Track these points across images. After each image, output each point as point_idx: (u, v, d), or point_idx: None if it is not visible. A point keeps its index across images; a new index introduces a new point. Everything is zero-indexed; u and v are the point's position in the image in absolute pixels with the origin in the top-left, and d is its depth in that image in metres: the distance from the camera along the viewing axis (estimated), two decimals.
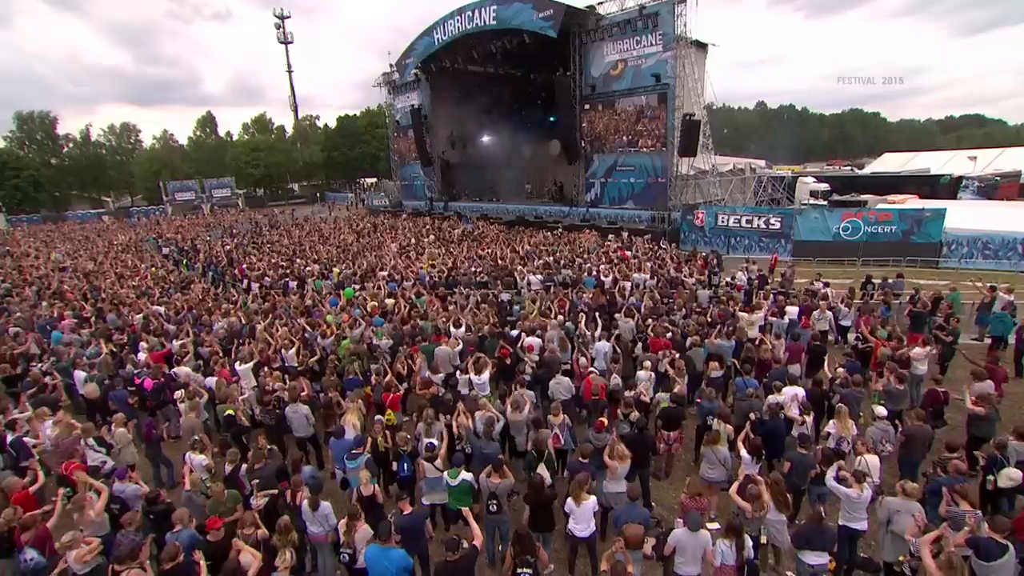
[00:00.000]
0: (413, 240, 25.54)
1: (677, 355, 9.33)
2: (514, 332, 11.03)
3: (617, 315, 11.63)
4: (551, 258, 18.71)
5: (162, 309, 14.53)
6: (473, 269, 17.71)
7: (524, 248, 21.06)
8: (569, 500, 5.96)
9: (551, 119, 34.87)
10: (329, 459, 8.34)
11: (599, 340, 10.18)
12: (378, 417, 7.91)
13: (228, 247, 26.37)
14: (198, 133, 74.63)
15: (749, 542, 5.28)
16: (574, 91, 29.59)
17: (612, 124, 28.56)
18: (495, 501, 6.18)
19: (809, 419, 7.52)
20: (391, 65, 42.88)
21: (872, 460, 6.47)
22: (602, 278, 15.09)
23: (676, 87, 24.58)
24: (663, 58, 24.99)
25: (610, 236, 23.69)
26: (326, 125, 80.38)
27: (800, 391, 8.16)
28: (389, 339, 11.16)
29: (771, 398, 8.01)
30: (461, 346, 10.37)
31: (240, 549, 5.37)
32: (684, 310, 12.04)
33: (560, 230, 27.18)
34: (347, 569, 5.76)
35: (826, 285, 13.32)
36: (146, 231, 37.22)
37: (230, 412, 8.15)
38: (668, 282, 14.69)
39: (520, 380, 8.73)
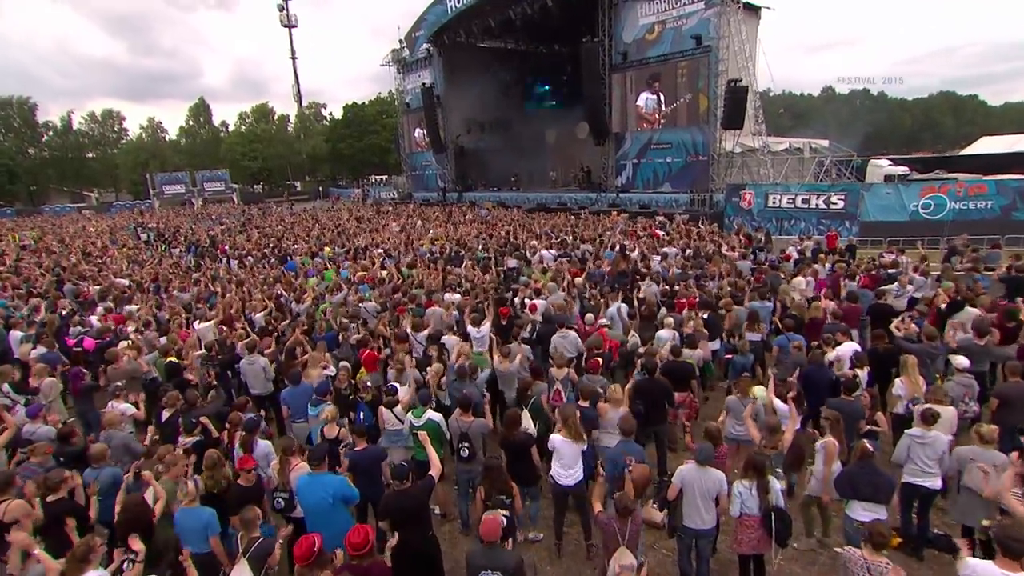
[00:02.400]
0: (419, 222, 25.58)
1: (703, 314, 9.04)
2: (516, 298, 10.90)
3: (641, 282, 11.48)
4: (569, 236, 18.48)
5: (126, 281, 14.79)
6: (480, 246, 17.63)
7: (541, 229, 20.93)
8: (555, 435, 5.51)
9: (578, 92, 34.61)
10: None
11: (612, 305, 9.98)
12: (343, 363, 7.63)
13: (213, 232, 26.86)
14: (190, 122, 76.84)
15: (776, 485, 4.72)
16: (603, 60, 29.43)
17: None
18: (467, 444, 5.77)
19: (863, 373, 6.91)
20: (400, 40, 43.55)
21: (947, 411, 5.82)
22: (627, 252, 14.76)
23: (720, 49, 24.19)
24: (706, 17, 24.69)
25: (639, 217, 23.23)
26: (332, 114, 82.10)
27: (856, 347, 7.58)
28: (375, 304, 11.15)
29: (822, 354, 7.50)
30: (456, 312, 10.25)
31: (149, 483, 5.08)
32: (718, 278, 11.76)
33: (585, 214, 26.83)
34: (285, 520, 5.40)
35: (901, 252, 12.70)
36: (126, 221, 38.14)
37: (172, 360, 7.98)
38: (704, 255, 14.35)
39: (516, 333, 8.44)
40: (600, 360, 7.27)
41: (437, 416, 6.10)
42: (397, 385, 6.71)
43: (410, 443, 6.37)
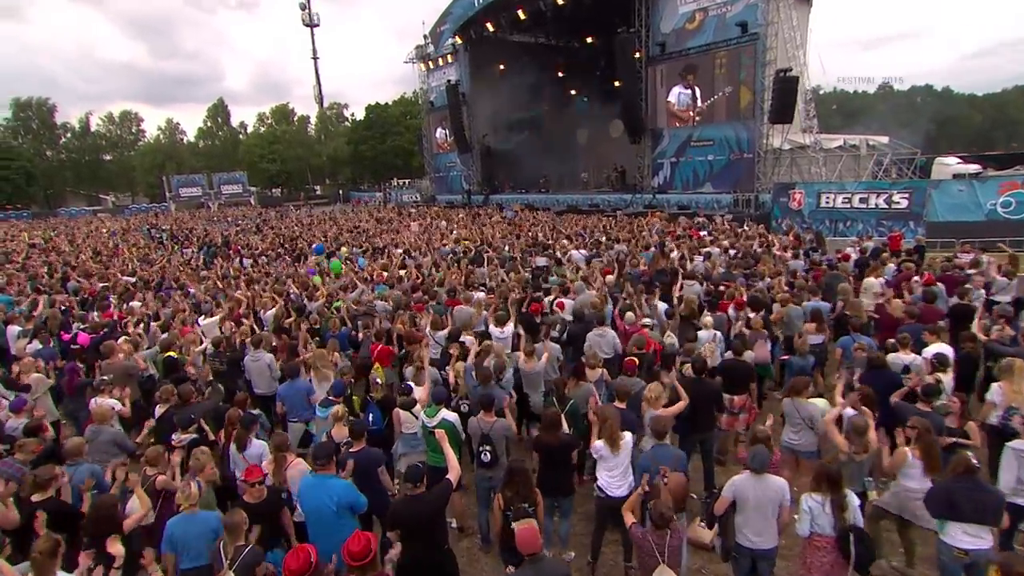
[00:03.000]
0: (442, 223, 25.48)
1: (755, 314, 8.56)
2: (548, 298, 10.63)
3: (684, 281, 11.06)
4: (603, 237, 18.13)
5: (132, 279, 14.90)
6: (507, 247, 17.37)
7: (572, 230, 20.64)
8: (599, 443, 5.07)
9: (612, 87, 34.27)
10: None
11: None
12: (344, 363, 7.35)
13: (228, 233, 27.23)
14: (208, 123, 78.61)
15: (854, 501, 4.20)
16: (638, 52, 29.12)
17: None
18: (488, 448, 5.36)
19: (946, 377, 6.29)
20: (425, 36, 43.82)
21: None
22: (666, 250, 14.36)
23: (768, 37, 23.62)
24: (753, 2, 24.17)
25: (681, 218, 22.73)
26: (353, 115, 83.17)
27: (946, 349, 6.96)
28: (390, 303, 10.94)
29: (893, 356, 6.92)
30: (484, 311, 9.96)
31: (132, 488, 4.79)
32: (769, 279, 11.25)
33: (620, 216, 26.39)
34: None
35: (982, 251, 12.00)
36: (140, 222, 38.90)
37: (172, 355, 7.77)
38: (751, 255, 13.85)
39: (545, 332, 8.08)
40: (636, 360, 6.82)
41: (452, 416, 5.74)
42: (412, 384, 6.35)
43: (424, 447, 6.05)
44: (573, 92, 43.72)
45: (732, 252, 14.44)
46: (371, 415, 6.32)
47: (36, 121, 67.43)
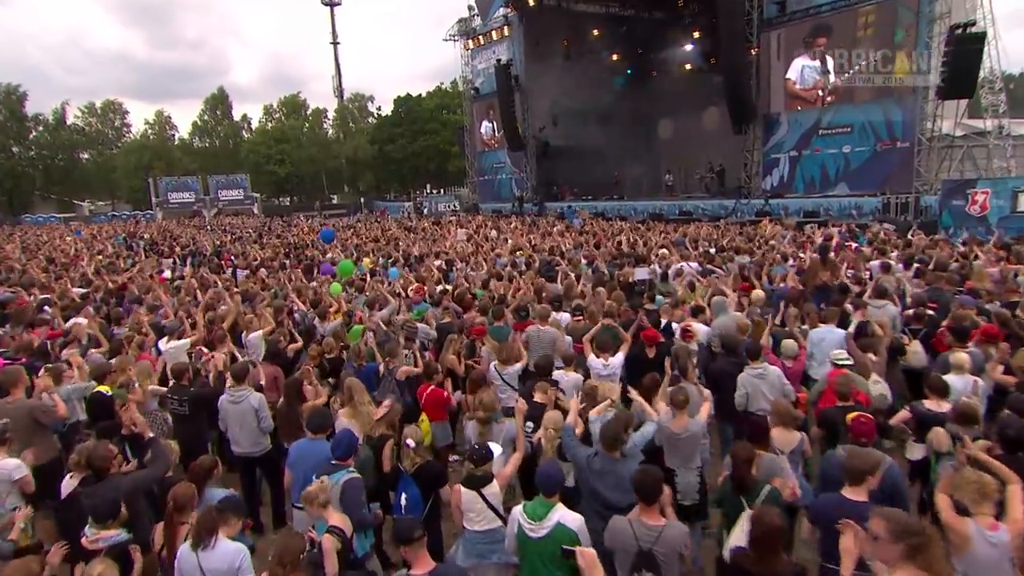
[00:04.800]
0: (493, 233, 24.57)
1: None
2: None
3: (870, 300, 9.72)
4: (712, 248, 16.97)
5: (85, 290, 14.21)
6: (583, 259, 16.24)
7: (668, 238, 19.47)
8: None
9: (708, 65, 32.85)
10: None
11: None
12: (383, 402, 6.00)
13: (220, 242, 26.84)
14: (206, 117, 79.44)
15: None
16: (749, 14, 27.82)
17: None
18: None
19: None
20: (469, 7, 43.34)
21: None
22: (829, 257, 12.96)
23: None
24: None
25: (809, 226, 21.08)
26: (379, 109, 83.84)
27: None
28: (432, 327, 10.14)
29: None
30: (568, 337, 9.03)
31: None
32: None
33: (724, 225, 24.73)
34: None
35: None
36: (117, 230, 38.90)
37: (103, 390, 6.19)
38: (958, 270, 12.20)
39: (684, 368, 6.62)
40: (872, 419, 5.03)
41: (575, 519, 4.04)
42: (495, 448, 4.91)
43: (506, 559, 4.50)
44: (655, 73, 42.72)
45: (917, 264, 12.74)
46: (403, 495, 4.93)
47: (3, 112, 68.57)
